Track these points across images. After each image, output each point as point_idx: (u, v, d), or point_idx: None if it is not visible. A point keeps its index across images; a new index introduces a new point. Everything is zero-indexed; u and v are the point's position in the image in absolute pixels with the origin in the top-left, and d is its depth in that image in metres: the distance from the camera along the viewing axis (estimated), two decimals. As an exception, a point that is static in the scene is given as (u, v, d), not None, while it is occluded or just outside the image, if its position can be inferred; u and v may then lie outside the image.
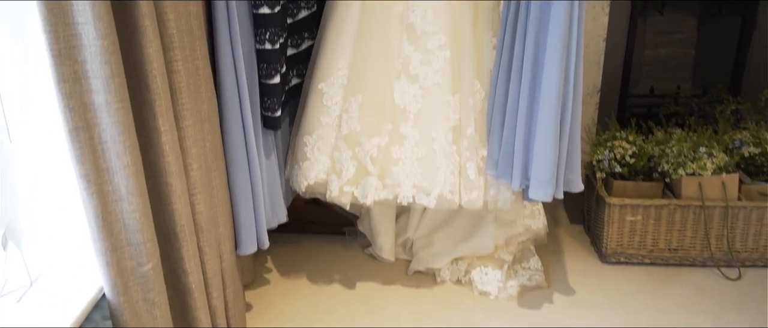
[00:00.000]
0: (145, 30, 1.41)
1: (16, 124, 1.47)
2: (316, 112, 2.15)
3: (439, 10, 2.05)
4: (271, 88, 1.98)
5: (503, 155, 2.07)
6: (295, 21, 2.18)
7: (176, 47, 1.54)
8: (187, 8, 1.63)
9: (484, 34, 2.09)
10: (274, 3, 1.91)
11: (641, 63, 2.95)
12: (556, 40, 1.88)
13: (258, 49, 1.94)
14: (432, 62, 2.06)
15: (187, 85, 1.60)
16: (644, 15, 2.81)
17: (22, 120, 1.46)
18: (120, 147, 1.37)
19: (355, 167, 2.11)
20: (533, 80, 1.97)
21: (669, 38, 2.93)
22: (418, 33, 2.06)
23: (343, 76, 2.11)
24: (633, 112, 2.91)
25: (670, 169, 2.32)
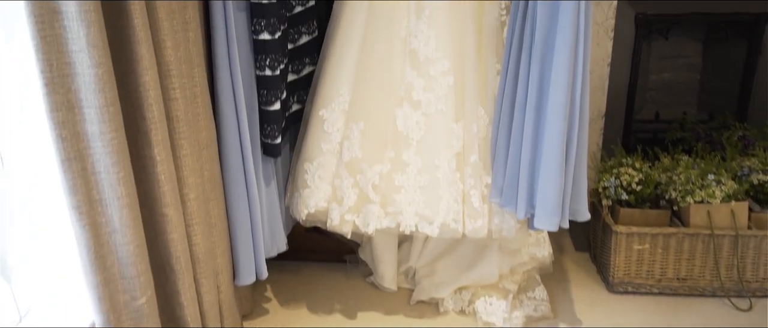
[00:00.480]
0: (141, 58, 1.37)
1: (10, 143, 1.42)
2: (316, 138, 2.11)
3: (443, 35, 2.02)
4: (271, 115, 1.95)
5: (508, 183, 2.02)
6: (296, 46, 2.16)
7: (174, 75, 1.51)
8: (186, 35, 1.60)
9: (488, 60, 2.06)
10: (274, 29, 1.88)
11: (646, 88, 2.91)
12: (561, 66, 1.84)
13: (258, 76, 1.91)
14: (435, 89, 2.03)
15: (185, 113, 1.56)
16: (649, 39, 2.78)
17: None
18: (114, 178, 1.32)
19: (357, 195, 2.07)
20: (538, 106, 1.93)
21: (674, 63, 2.89)
22: (421, 59, 2.03)
23: (345, 102, 2.08)
24: (638, 137, 2.87)
25: (677, 196, 2.27)
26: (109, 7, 1.33)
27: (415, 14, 2.03)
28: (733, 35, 2.68)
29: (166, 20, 1.45)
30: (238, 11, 1.81)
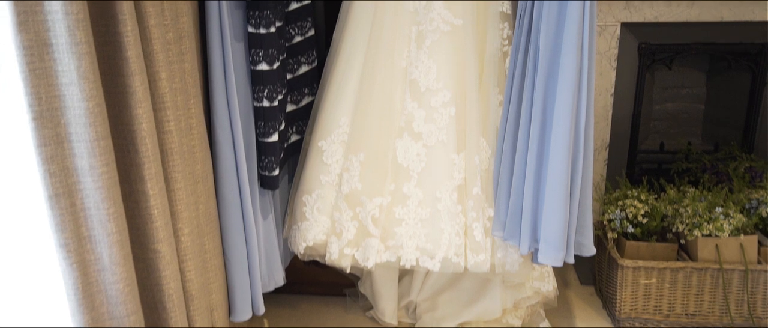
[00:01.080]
0: (134, 90, 1.34)
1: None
2: (315, 170, 2.07)
3: (444, 66, 1.99)
4: (269, 147, 1.91)
5: (511, 216, 1.98)
6: (295, 76, 2.13)
7: (168, 107, 1.47)
8: (182, 66, 1.57)
9: (490, 91, 2.03)
10: (272, 60, 1.85)
11: (650, 118, 2.88)
12: (564, 97, 1.81)
13: (256, 107, 1.88)
14: (436, 119, 1.99)
15: (179, 146, 1.52)
16: (652, 69, 2.75)
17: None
18: (103, 214, 1.28)
19: (356, 228, 2.02)
20: (541, 137, 1.90)
21: (677, 93, 2.86)
22: (421, 89, 1.99)
23: (344, 133, 2.04)
24: (643, 167, 2.82)
25: (685, 230, 2.22)
26: (101, 38, 1.29)
27: (415, 44, 2.00)
28: (738, 65, 2.65)
29: (161, 52, 1.42)
30: (235, 41, 1.78)
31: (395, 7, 2.00)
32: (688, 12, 2.53)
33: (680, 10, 2.53)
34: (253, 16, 1.78)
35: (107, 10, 1.28)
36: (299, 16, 2.10)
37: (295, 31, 2.10)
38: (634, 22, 2.57)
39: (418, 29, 2.00)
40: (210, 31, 1.70)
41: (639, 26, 2.58)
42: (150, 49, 1.40)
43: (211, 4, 1.68)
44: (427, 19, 1.98)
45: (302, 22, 2.12)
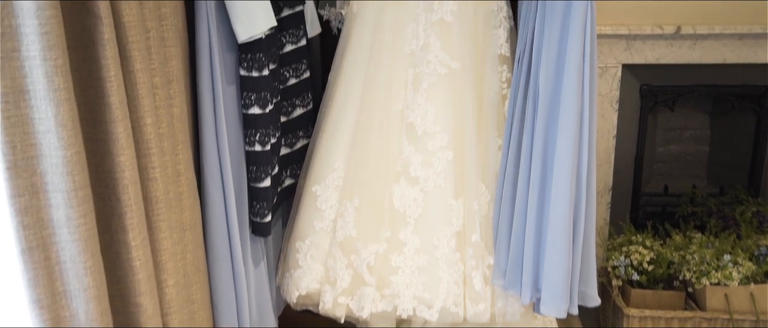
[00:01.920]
0: (117, 137, 1.28)
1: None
2: (309, 216, 2.00)
3: (441, 109, 1.94)
4: (261, 192, 1.85)
5: (511, 264, 1.91)
6: (289, 119, 2.08)
7: (154, 153, 1.41)
8: (170, 111, 1.52)
9: (489, 134, 1.97)
10: (265, 103, 1.80)
11: (653, 160, 2.83)
12: (565, 140, 1.76)
13: (247, 151, 1.82)
14: (433, 164, 1.93)
15: (165, 194, 1.46)
16: (654, 111, 2.71)
17: None
18: (80, 267, 1.21)
19: (351, 277, 1.94)
20: (542, 183, 1.84)
21: (681, 135, 2.82)
22: (418, 133, 1.94)
23: (339, 177, 1.98)
24: (647, 211, 2.76)
25: (692, 277, 2.14)
26: (83, 84, 1.25)
27: (412, 87, 1.95)
28: (742, 107, 2.61)
29: (147, 97, 1.37)
30: (227, 84, 1.74)
31: (392, 50, 1.96)
32: (690, 54, 2.50)
33: (682, 52, 2.51)
34: (245, 59, 1.74)
35: (90, 55, 1.24)
36: (294, 58, 2.06)
37: (290, 73, 2.06)
38: (636, 64, 2.54)
39: (415, 72, 1.95)
40: (200, 75, 1.66)
41: (640, 68, 2.55)
42: (135, 94, 1.35)
43: (201, 47, 1.64)
44: (424, 61, 1.94)
45: (297, 64, 2.08)
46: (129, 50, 1.32)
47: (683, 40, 2.48)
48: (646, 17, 2.46)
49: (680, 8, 2.45)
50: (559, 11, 1.72)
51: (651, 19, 2.46)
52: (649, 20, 2.46)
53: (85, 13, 1.21)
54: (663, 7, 2.45)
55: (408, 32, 1.95)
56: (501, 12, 1.98)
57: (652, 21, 2.46)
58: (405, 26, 1.95)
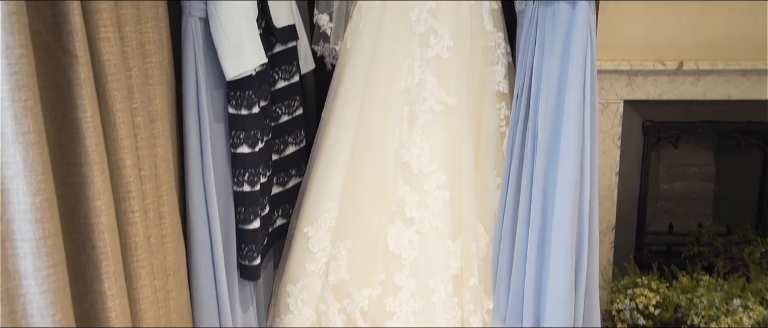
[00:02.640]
0: (92, 181, 1.22)
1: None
2: (300, 258, 1.93)
3: (437, 147, 1.88)
4: (249, 235, 1.78)
5: (511, 308, 1.84)
6: (281, 157, 2.02)
7: (133, 197, 1.35)
8: (153, 151, 1.46)
9: (487, 173, 1.92)
10: (255, 142, 1.74)
11: (657, 198, 2.75)
12: (567, 178, 1.71)
13: (235, 192, 1.75)
14: (430, 204, 1.87)
15: (146, 239, 1.39)
16: (657, 147, 2.64)
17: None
18: (49, 320, 1.14)
19: (344, 322, 1.86)
20: (543, 223, 1.79)
21: (685, 172, 2.74)
22: (414, 172, 1.88)
23: (332, 218, 1.91)
24: (651, 250, 2.67)
25: (701, 322, 2.05)
26: (57, 125, 1.19)
27: (408, 124, 1.90)
28: (747, 144, 2.54)
29: (127, 138, 1.31)
30: (214, 123, 1.68)
31: (386, 86, 1.91)
32: (693, 90, 2.44)
33: (685, 88, 2.45)
34: (234, 97, 1.69)
35: (65, 95, 1.18)
36: (287, 95, 2.01)
37: (282, 110, 2.00)
38: (638, 100, 2.48)
39: (411, 109, 1.90)
40: (186, 113, 1.60)
41: (642, 104, 2.49)
42: (114, 135, 1.29)
43: (188, 84, 1.59)
44: (419, 98, 1.88)
45: (290, 100, 2.03)
46: (108, 90, 1.27)
47: (686, 75, 2.42)
48: (647, 52, 2.41)
49: (682, 44, 2.40)
50: (558, 47, 1.68)
51: (652, 54, 2.41)
52: (651, 55, 2.41)
53: (60, 51, 1.16)
54: (664, 43, 2.41)
55: (403, 68, 1.90)
56: (499, 48, 1.93)
57: (653, 56, 2.41)
58: (400, 62, 1.91)
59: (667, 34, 2.39)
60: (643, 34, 2.40)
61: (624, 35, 2.40)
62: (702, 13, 2.36)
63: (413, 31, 1.89)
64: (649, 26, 2.39)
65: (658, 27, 2.39)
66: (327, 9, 2.07)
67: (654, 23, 2.38)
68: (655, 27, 2.39)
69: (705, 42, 2.40)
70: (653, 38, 2.41)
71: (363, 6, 1.95)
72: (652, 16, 2.37)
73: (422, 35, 1.89)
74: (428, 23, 1.89)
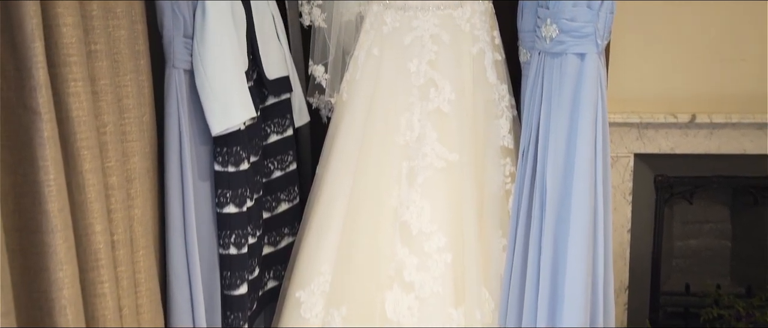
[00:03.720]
0: (55, 250, 1.10)
1: None
2: (292, 325, 1.79)
3: (438, 206, 1.77)
4: (235, 301, 1.65)
5: (520, 382, 1.69)
6: (273, 215, 1.92)
7: (102, 265, 1.23)
8: (129, 213, 1.35)
9: (492, 234, 1.81)
10: (242, 200, 1.63)
11: (671, 256, 2.63)
12: (578, 240, 1.60)
13: (221, 255, 1.64)
14: (430, 268, 1.74)
15: (115, 311, 1.27)
16: (671, 203, 2.53)
17: None
18: None
19: (338, 397, 1.71)
20: (553, 289, 1.67)
21: (700, 228, 2.63)
22: (413, 233, 1.76)
23: (325, 282, 1.79)
24: (667, 311, 2.55)
25: (725, 395, 1.89)
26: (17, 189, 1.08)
27: (406, 182, 1.79)
28: (764, 200, 2.43)
29: (97, 201, 1.20)
30: (199, 181, 1.58)
31: (384, 141, 1.81)
32: (707, 143, 2.35)
33: (698, 141, 2.36)
34: (220, 153, 1.59)
35: (26, 156, 1.07)
36: (280, 149, 1.92)
37: (274, 165, 1.90)
38: (649, 153, 2.40)
39: (410, 165, 1.80)
40: (168, 171, 1.50)
41: (654, 157, 2.41)
42: (82, 199, 1.18)
43: (170, 140, 1.49)
44: (419, 153, 1.78)
45: (283, 155, 1.93)
46: (77, 148, 1.16)
47: (699, 128, 2.33)
48: (658, 105, 2.33)
49: (694, 96, 2.33)
50: (566, 100, 1.58)
51: (663, 106, 2.33)
52: (662, 108, 2.32)
53: (22, 108, 1.06)
54: (676, 95, 2.33)
55: (402, 122, 1.81)
56: (503, 101, 1.84)
57: (664, 109, 2.32)
58: (398, 116, 1.82)
59: (678, 86, 2.33)
60: (654, 85, 2.33)
61: (633, 87, 2.32)
62: (715, 65, 2.30)
63: (412, 83, 1.81)
64: (660, 78, 2.32)
65: (669, 79, 2.32)
66: (322, 60, 1.99)
67: (665, 75, 2.32)
68: (666, 79, 2.32)
69: (718, 94, 2.32)
70: (664, 90, 2.34)
71: (360, 57, 1.87)
72: (663, 68, 2.31)
73: (422, 87, 1.80)
74: (428, 75, 1.80)
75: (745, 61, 2.31)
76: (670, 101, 2.33)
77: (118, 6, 1.29)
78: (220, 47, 1.50)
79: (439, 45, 1.81)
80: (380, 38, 1.85)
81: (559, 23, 1.54)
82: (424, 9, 1.82)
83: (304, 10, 1.97)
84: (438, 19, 1.81)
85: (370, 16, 1.88)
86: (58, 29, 1.10)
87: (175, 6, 1.44)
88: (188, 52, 1.48)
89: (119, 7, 1.30)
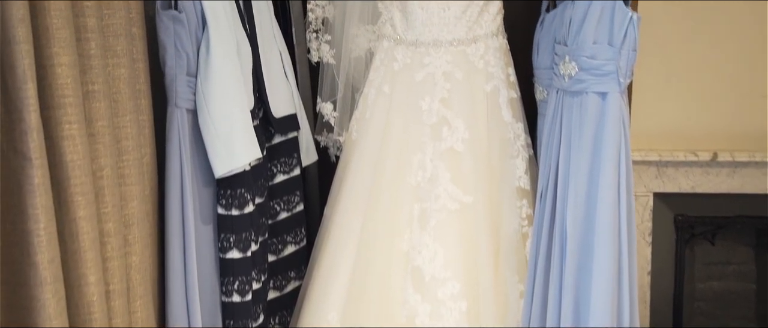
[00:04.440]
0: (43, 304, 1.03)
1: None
2: (297, 377, 1.71)
3: (452, 250, 1.70)
4: (237, 352, 1.56)
5: None
6: (279, 258, 1.87)
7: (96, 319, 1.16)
8: (125, 261, 1.29)
9: (508, 280, 1.73)
10: (246, 245, 1.56)
11: (693, 298, 2.53)
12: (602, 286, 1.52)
13: (223, 302, 1.56)
14: (444, 316, 1.67)
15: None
16: (692, 244, 2.44)
17: None
18: None
19: None
20: (574, 338, 1.57)
21: (723, 270, 2.53)
22: (426, 279, 1.69)
23: (333, 331, 1.71)
24: (690, 358, 2.43)
25: None
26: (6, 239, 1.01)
27: (418, 225, 1.73)
28: (789, 241, 2.34)
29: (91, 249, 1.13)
30: (202, 225, 1.51)
31: (395, 182, 1.75)
32: (729, 182, 2.28)
33: (719, 180, 2.28)
34: (223, 196, 1.52)
35: (14, 203, 1.01)
36: (286, 190, 1.86)
37: (280, 206, 1.84)
38: (669, 193, 2.33)
39: (422, 207, 1.73)
40: (169, 214, 1.44)
41: (674, 197, 2.34)
42: (75, 248, 1.11)
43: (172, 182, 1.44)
44: (431, 195, 1.72)
45: (290, 196, 1.87)
46: (70, 195, 1.10)
47: (721, 167, 2.26)
48: (678, 142, 2.26)
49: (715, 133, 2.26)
50: (587, 141, 1.51)
51: (683, 144, 2.26)
52: (682, 145, 2.26)
53: (12, 152, 1.00)
54: (696, 132, 2.26)
55: (414, 162, 1.76)
56: (518, 140, 1.78)
57: (684, 146, 2.26)
58: (410, 156, 1.76)
59: (698, 123, 2.26)
60: (673, 122, 2.26)
61: (652, 124, 2.26)
62: (736, 101, 2.24)
63: (424, 122, 1.75)
64: (679, 114, 2.26)
65: (689, 115, 2.26)
66: (331, 97, 1.94)
67: (684, 111, 2.25)
68: (686, 115, 2.26)
69: (741, 131, 2.25)
70: (684, 127, 2.27)
71: (370, 94, 1.82)
72: (683, 104, 2.24)
73: (434, 126, 1.74)
74: (441, 113, 1.75)
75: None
76: (690, 138, 2.26)
77: (119, 44, 1.24)
78: (224, 85, 1.45)
79: (452, 82, 1.75)
80: (391, 75, 1.80)
81: (578, 61, 1.48)
82: (437, 45, 1.77)
83: (313, 46, 1.92)
84: (451, 56, 1.76)
85: (380, 53, 1.83)
86: (53, 70, 1.04)
87: (179, 43, 1.39)
88: (191, 90, 1.43)
89: (119, 46, 1.24)
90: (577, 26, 1.48)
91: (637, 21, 1.43)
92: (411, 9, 1.77)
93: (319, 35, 1.92)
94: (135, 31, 1.31)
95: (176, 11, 1.39)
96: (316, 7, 1.90)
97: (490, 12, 1.78)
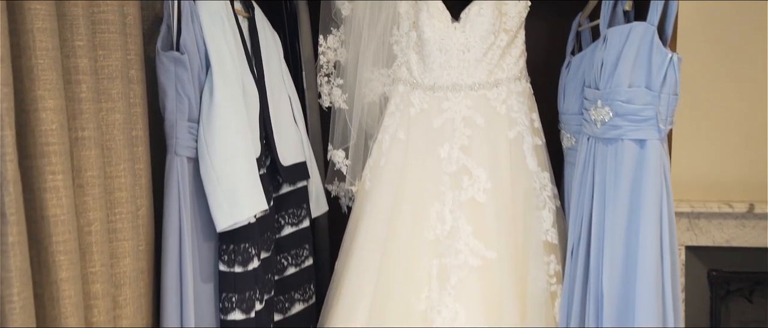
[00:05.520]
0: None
1: None
2: None
3: (474, 311, 1.56)
4: None
5: None
6: (286, 317, 1.75)
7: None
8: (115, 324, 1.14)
9: (536, 343, 1.57)
10: (250, 306, 1.43)
11: (729, 361, 2.36)
12: None
13: (224, 369, 1.41)
14: (467, 384, 1.51)
15: None
16: (727, 301, 2.30)
17: None
18: None
19: None
20: None
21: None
22: (446, 342, 1.54)
23: (344, 398, 1.56)
24: None
25: None
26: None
27: (437, 283, 1.60)
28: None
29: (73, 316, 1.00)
30: (201, 283, 1.39)
31: (412, 236, 1.63)
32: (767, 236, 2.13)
33: (756, 233, 2.15)
34: (225, 251, 1.40)
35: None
36: (294, 243, 1.74)
37: (288, 261, 1.73)
38: (701, 246, 2.21)
39: (441, 263, 1.60)
40: (165, 272, 1.31)
41: (707, 250, 2.23)
42: (55, 313, 0.99)
43: (169, 238, 1.31)
44: (451, 250, 1.59)
45: (298, 249, 1.75)
46: (51, 254, 0.98)
47: (757, 219, 2.14)
48: (711, 193, 2.14)
49: (752, 184, 2.14)
50: (624, 192, 1.38)
51: (717, 195, 2.14)
52: (715, 196, 2.14)
53: (-14, 208, 0.87)
54: (731, 182, 2.16)
55: (432, 214, 1.64)
56: (544, 190, 1.66)
57: (718, 197, 2.14)
58: (428, 207, 1.64)
59: (734, 173, 2.15)
60: (706, 172, 2.16)
61: (683, 173, 2.15)
62: (773, 150, 2.12)
63: (443, 171, 1.64)
64: (713, 164, 2.15)
65: (723, 164, 2.15)
66: (343, 144, 1.83)
67: (718, 161, 2.15)
68: (720, 164, 2.15)
69: (779, 182, 2.13)
70: (718, 177, 2.16)
71: (384, 141, 1.71)
72: (716, 152, 2.14)
73: (454, 175, 1.63)
74: (461, 161, 1.63)
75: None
76: (725, 189, 2.15)
77: (114, 87, 1.14)
78: (228, 132, 1.34)
79: (472, 128, 1.64)
80: (407, 121, 1.69)
81: (612, 105, 1.36)
82: (456, 89, 1.66)
83: (324, 90, 1.82)
84: (471, 101, 1.65)
85: (395, 97, 1.73)
86: (37, 114, 0.94)
87: (180, 86, 1.28)
88: (193, 137, 1.31)
89: (115, 89, 1.14)
90: (611, 69, 1.37)
91: (678, 62, 1.31)
92: (428, 51, 1.67)
93: (330, 79, 1.83)
94: (133, 73, 1.21)
95: (178, 52, 1.29)
96: (327, 50, 1.81)
97: (513, 55, 1.68)
